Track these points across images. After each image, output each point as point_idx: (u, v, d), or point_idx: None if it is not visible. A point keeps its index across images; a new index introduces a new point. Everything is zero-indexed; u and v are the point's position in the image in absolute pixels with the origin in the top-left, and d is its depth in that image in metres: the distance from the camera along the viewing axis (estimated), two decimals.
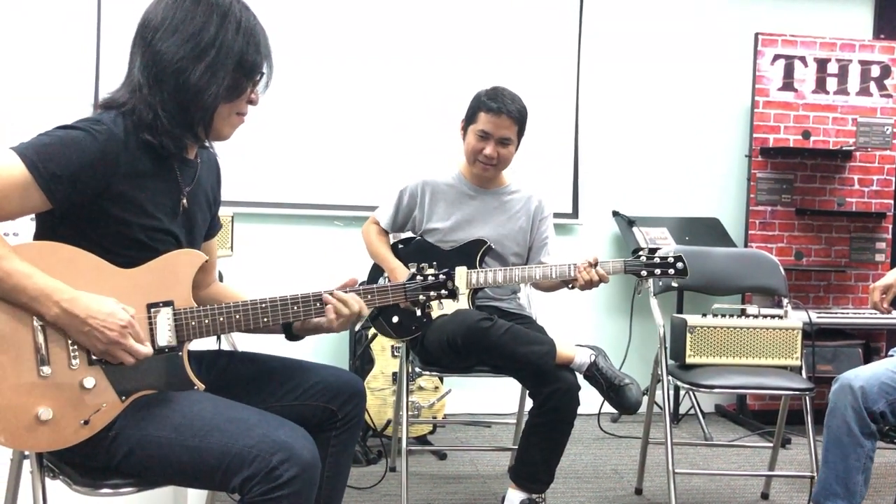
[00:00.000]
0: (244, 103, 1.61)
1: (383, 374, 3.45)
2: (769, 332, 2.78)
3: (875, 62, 4.14)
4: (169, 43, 1.49)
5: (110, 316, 1.41)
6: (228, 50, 1.52)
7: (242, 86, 1.57)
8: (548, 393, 2.41)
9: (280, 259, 3.92)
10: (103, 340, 1.41)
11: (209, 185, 1.74)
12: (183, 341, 1.54)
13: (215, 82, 1.51)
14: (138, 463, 1.47)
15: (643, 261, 2.50)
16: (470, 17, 4.05)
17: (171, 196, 1.58)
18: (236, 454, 1.40)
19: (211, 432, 1.43)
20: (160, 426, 1.45)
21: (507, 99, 2.59)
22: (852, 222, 4.19)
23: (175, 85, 1.49)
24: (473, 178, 2.74)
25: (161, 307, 1.52)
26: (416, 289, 1.75)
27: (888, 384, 2.27)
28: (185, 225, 1.62)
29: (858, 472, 2.29)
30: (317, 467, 1.44)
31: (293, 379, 1.73)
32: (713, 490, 3.12)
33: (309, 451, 1.43)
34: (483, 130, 2.59)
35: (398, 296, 1.74)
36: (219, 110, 1.55)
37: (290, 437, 1.42)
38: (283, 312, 1.64)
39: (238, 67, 1.54)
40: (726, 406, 4.28)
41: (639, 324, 4.03)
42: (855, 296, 4.20)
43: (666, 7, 4.27)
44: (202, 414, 1.46)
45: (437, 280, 1.77)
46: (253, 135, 3.84)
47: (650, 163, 4.29)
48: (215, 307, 1.58)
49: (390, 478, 3.07)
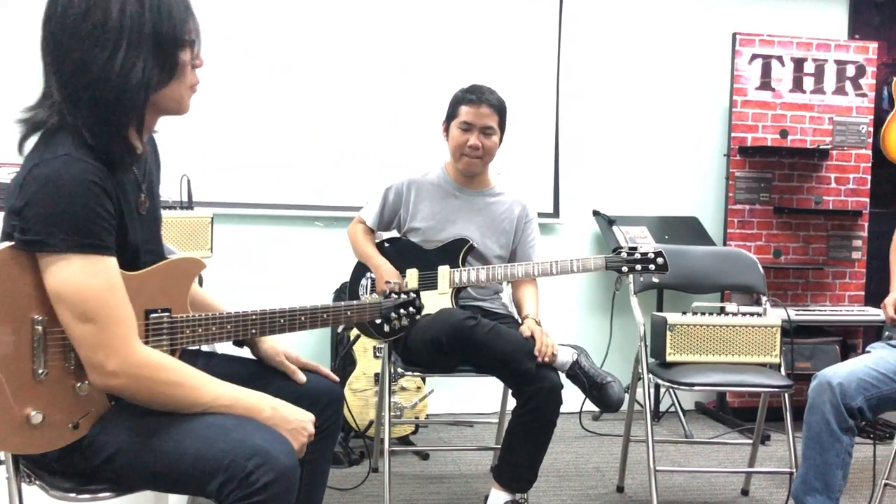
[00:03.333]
0: (192, 73, 1.48)
1: (365, 374, 3.44)
2: (748, 329, 2.81)
3: (850, 62, 4.19)
4: (77, 52, 1.35)
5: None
6: (139, 34, 1.37)
7: (175, 61, 1.43)
8: (531, 392, 2.41)
9: (260, 260, 3.90)
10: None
11: (155, 169, 1.66)
12: (175, 349, 1.54)
13: (135, 75, 1.37)
14: (115, 469, 1.45)
15: (624, 257, 2.52)
16: (451, 17, 4.05)
17: (134, 198, 1.51)
18: (211, 459, 1.37)
19: (186, 437, 1.41)
20: (135, 432, 1.43)
21: (485, 90, 2.67)
22: (829, 220, 4.23)
23: (92, 98, 1.36)
24: (459, 177, 2.74)
25: (159, 313, 1.51)
26: (390, 307, 1.90)
27: (866, 381, 2.30)
28: (148, 225, 1.57)
29: (837, 468, 2.32)
30: (295, 472, 1.41)
31: (272, 384, 1.72)
32: (694, 487, 3.14)
33: (287, 455, 1.40)
34: (465, 122, 2.63)
35: (375, 314, 1.88)
36: (169, 93, 1.45)
37: (266, 441, 1.39)
38: (270, 324, 1.66)
39: (158, 45, 1.39)
40: (706, 403, 4.31)
41: (619, 322, 4.05)
42: (832, 293, 4.25)
43: (645, 7, 4.30)
44: (177, 419, 1.43)
45: (408, 298, 1.93)
46: (232, 135, 3.83)
47: (630, 162, 4.31)
48: (208, 317, 1.58)
49: (373, 478, 3.06)
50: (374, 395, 3.42)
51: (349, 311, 1.79)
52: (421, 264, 2.68)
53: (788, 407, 2.71)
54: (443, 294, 2.62)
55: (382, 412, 2.80)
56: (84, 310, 1.35)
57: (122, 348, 1.37)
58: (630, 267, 2.52)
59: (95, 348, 1.36)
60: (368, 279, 2.77)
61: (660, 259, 2.51)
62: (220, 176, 3.82)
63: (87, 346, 1.36)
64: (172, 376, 1.43)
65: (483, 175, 2.78)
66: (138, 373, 1.39)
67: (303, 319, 1.70)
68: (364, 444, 3.31)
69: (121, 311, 1.39)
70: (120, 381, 1.38)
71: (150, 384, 1.40)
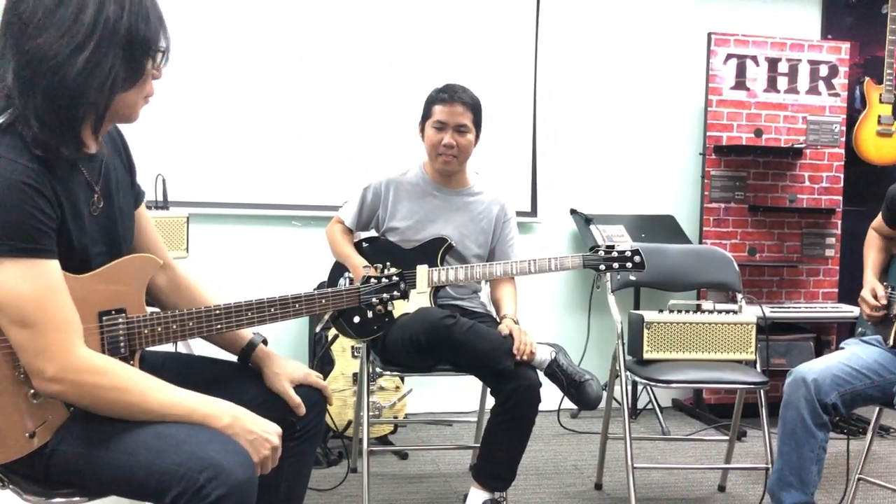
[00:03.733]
0: (150, 85, 1.45)
1: (343, 375, 3.42)
2: (724, 327, 2.83)
3: (823, 62, 4.24)
4: (42, 39, 1.31)
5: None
6: (112, 35, 1.34)
7: (141, 66, 1.40)
8: (509, 391, 2.41)
9: (237, 260, 3.87)
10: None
11: (120, 168, 1.59)
12: (135, 350, 1.50)
13: (100, 74, 1.34)
14: (75, 480, 1.43)
15: (601, 255, 2.54)
16: (427, 16, 4.04)
17: (84, 200, 1.45)
18: (165, 472, 1.33)
19: (139, 449, 1.37)
20: (91, 443, 1.40)
21: (458, 89, 2.68)
22: (803, 218, 4.28)
23: (50, 86, 1.31)
24: (437, 177, 2.74)
25: (113, 315, 1.48)
26: (369, 292, 1.76)
27: (840, 376, 2.33)
28: (104, 226, 1.51)
29: (812, 463, 2.35)
30: (250, 485, 1.35)
31: (252, 387, 1.69)
32: (671, 483, 3.16)
33: (241, 467, 1.34)
34: (439, 121, 2.64)
35: (352, 299, 1.74)
36: (123, 99, 1.40)
37: (219, 453, 1.34)
38: (237, 319, 1.60)
39: (130, 49, 1.36)
40: (683, 400, 4.34)
41: (597, 320, 4.06)
42: (807, 290, 4.29)
43: (621, 8, 4.32)
44: (133, 430, 1.39)
45: (390, 282, 1.78)
46: (208, 134, 3.80)
47: (607, 161, 4.33)
48: (168, 314, 1.55)
49: (351, 479, 3.05)
50: (352, 395, 3.41)
51: (323, 298, 1.69)
52: (399, 264, 2.66)
53: (764, 403, 2.74)
54: (421, 293, 2.61)
55: (361, 412, 2.79)
56: (21, 315, 1.31)
57: (62, 353, 1.34)
58: (607, 265, 2.53)
59: (34, 354, 1.33)
60: (346, 279, 2.76)
61: (637, 257, 2.53)
62: (195, 175, 3.78)
63: (27, 352, 1.33)
64: (116, 381, 1.38)
65: (461, 174, 2.78)
66: (79, 378, 1.35)
67: (273, 311, 1.62)
68: (342, 445, 3.30)
69: (60, 316, 1.34)
70: (60, 387, 1.35)
71: (92, 390, 1.36)
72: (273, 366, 1.71)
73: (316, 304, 1.69)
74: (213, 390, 1.56)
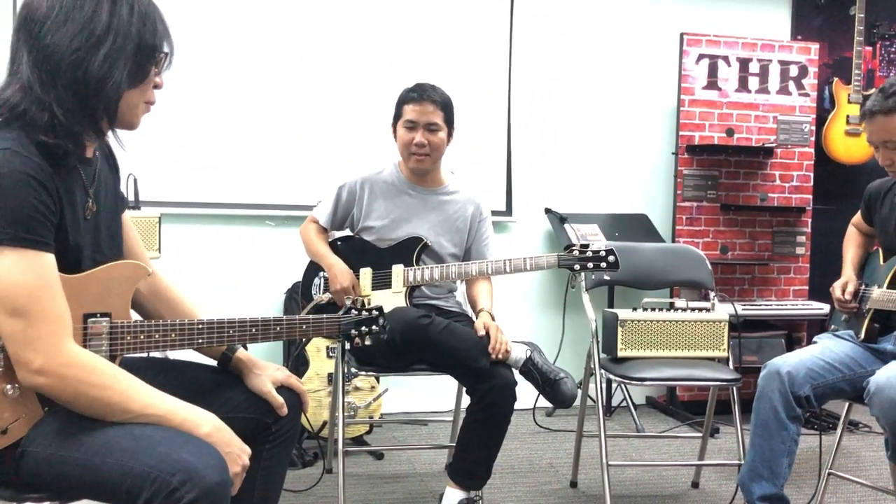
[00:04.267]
0: (151, 90, 1.52)
1: (318, 375, 3.41)
2: (697, 324, 2.85)
3: (793, 62, 4.29)
4: (60, 34, 1.38)
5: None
6: (126, 35, 1.42)
7: (145, 70, 1.48)
8: (485, 389, 2.42)
9: (211, 261, 3.84)
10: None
11: (109, 176, 1.64)
12: (115, 356, 1.50)
13: (116, 70, 1.41)
14: (46, 482, 1.41)
15: (576, 255, 2.54)
16: (402, 15, 4.04)
17: (80, 201, 1.49)
18: (137, 474, 1.32)
19: (112, 450, 1.36)
20: (64, 444, 1.38)
21: (428, 88, 2.67)
22: (774, 217, 4.33)
23: (73, 78, 1.39)
24: (412, 176, 2.74)
25: (98, 318, 1.47)
26: (349, 323, 1.82)
27: (813, 370, 2.36)
28: (93, 231, 1.53)
29: (783, 455, 2.37)
30: (224, 488, 1.35)
31: (229, 390, 1.69)
32: (646, 480, 3.18)
33: (215, 470, 1.33)
34: (409, 120, 2.64)
35: (332, 328, 1.80)
36: (126, 99, 1.46)
37: (193, 455, 1.33)
38: (218, 335, 1.61)
39: (138, 52, 1.44)
40: (657, 398, 4.38)
41: (572, 319, 4.08)
42: (777, 288, 4.34)
43: (595, 8, 4.34)
44: (106, 431, 1.38)
45: (370, 316, 1.85)
46: (181, 132, 3.77)
47: (581, 161, 4.35)
48: (152, 323, 1.55)
49: (327, 480, 3.04)
50: (327, 395, 3.39)
51: (304, 324, 1.73)
52: (375, 263, 2.67)
53: (737, 400, 2.76)
54: (397, 293, 2.61)
55: (336, 412, 2.78)
56: (14, 304, 1.32)
57: (51, 346, 1.34)
58: (582, 265, 2.54)
59: (23, 344, 1.33)
60: (321, 279, 2.75)
61: (611, 257, 2.54)
62: (167, 175, 3.75)
63: (15, 342, 1.33)
64: (101, 379, 1.38)
65: (436, 173, 2.77)
66: (65, 372, 1.35)
67: (254, 331, 1.65)
68: (318, 445, 3.29)
69: (53, 309, 1.35)
70: (45, 380, 1.34)
71: (76, 385, 1.36)
72: (254, 367, 1.73)
73: (297, 329, 1.73)
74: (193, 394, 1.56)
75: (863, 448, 3.62)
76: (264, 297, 3.86)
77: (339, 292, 2.61)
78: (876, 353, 2.42)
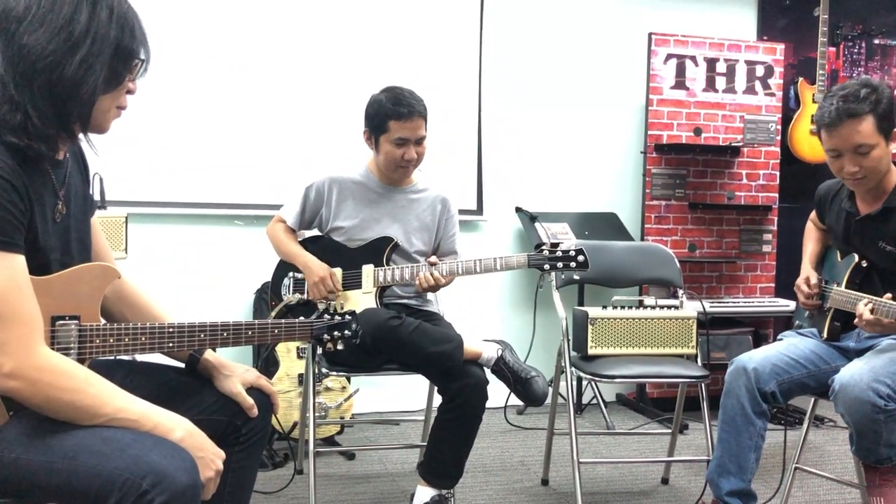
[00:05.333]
0: (124, 95, 1.51)
1: (288, 376, 3.39)
2: (666, 322, 2.87)
3: (759, 62, 4.34)
4: (37, 35, 1.36)
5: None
6: (103, 39, 1.41)
7: (121, 75, 1.47)
8: (457, 389, 2.42)
9: (178, 261, 3.80)
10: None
11: (79, 178, 1.62)
12: (84, 359, 1.48)
13: (92, 74, 1.40)
14: (11, 487, 1.38)
15: (546, 255, 2.55)
16: (372, 14, 4.02)
17: (49, 203, 1.47)
18: (106, 478, 1.30)
19: (80, 454, 1.33)
20: (30, 448, 1.36)
21: (412, 100, 2.59)
22: (741, 215, 4.38)
23: (48, 80, 1.37)
24: (382, 176, 2.72)
25: (67, 321, 1.45)
26: (321, 328, 1.79)
27: (779, 366, 2.39)
28: (62, 233, 1.51)
29: (751, 451, 2.41)
30: (194, 491, 1.33)
31: (198, 392, 1.67)
32: (616, 477, 3.21)
33: (186, 473, 1.32)
34: (400, 138, 2.58)
35: (304, 333, 1.77)
36: (99, 103, 1.45)
37: (164, 458, 1.31)
38: (189, 339, 1.60)
39: (114, 57, 1.43)
40: (627, 395, 4.41)
41: (542, 317, 4.10)
42: (745, 285, 4.40)
43: (565, 8, 4.36)
44: (74, 434, 1.36)
45: (343, 320, 1.82)
46: (148, 131, 3.72)
47: (551, 160, 4.37)
48: (122, 327, 1.53)
49: (298, 481, 3.02)
50: (297, 396, 3.37)
51: (276, 328, 1.71)
52: (345, 263, 2.66)
53: (705, 396, 2.79)
54: (367, 293, 2.60)
55: (307, 413, 2.76)
56: None
57: (23, 349, 1.32)
58: (552, 265, 2.55)
59: None
60: (291, 278, 2.73)
61: (580, 257, 2.55)
62: (134, 174, 3.70)
63: None
64: (73, 383, 1.36)
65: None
66: (37, 376, 1.32)
67: (225, 335, 1.63)
68: (288, 447, 3.26)
69: (23, 311, 1.33)
70: (16, 384, 1.32)
71: (47, 389, 1.34)
72: (223, 369, 1.71)
73: (269, 333, 1.71)
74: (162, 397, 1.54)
75: (828, 442, 3.68)
76: (233, 298, 3.82)
77: (318, 283, 2.58)
78: (840, 350, 2.46)
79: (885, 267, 2.38)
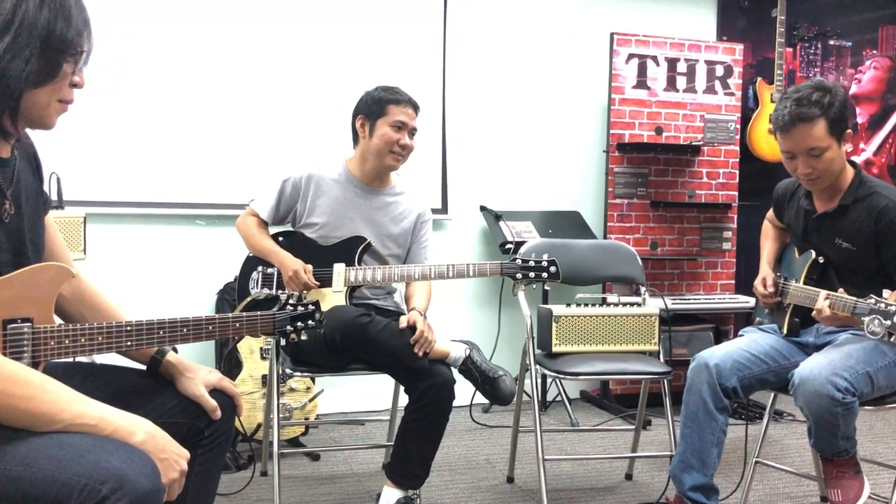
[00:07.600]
0: (67, 88, 1.42)
1: (252, 377, 3.35)
2: (629, 319, 2.90)
3: (719, 62, 4.41)
4: None
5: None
6: (31, 26, 1.32)
7: (56, 67, 1.37)
8: (424, 388, 2.42)
9: (138, 261, 3.74)
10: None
11: (30, 177, 1.56)
12: (38, 362, 1.44)
13: (18, 65, 1.32)
14: None
15: (519, 264, 2.57)
16: (336, 13, 4.00)
17: None
18: (64, 483, 1.26)
19: (38, 460, 1.29)
20: None
21: (403, 91, 2.69)
22: (702, 213, 4.44)
23: None
24: (362, 175, 2.71)
25: (19, 324, 1.41)
26: (284, 319, 1.76)
27: (740, 362, 2.43)
28: (13, 233, 1.46)
29: (713, 446, 2.44)
30: (157, 496, 1.30)
31: (159, 395, 1.64)
32: (581, 474, 3.23)
33: (147, 478, 1.29)
34: (399, 121, 2.63)
35: (267, 326, 1.73)
36: (34, 97, 1.37)
37: (124, 462, 1.27)
38: (147, 337, 1.56)
39: (46, 47, 1.34)
40: (591, 392, 4.45)
41: (507, 315, 4.11)
42: (705, 282, 4.46)
43: (527, 7, 4.38)
44: (31, 440, 1.32)
45: (305, 311, 1.79)
46: (106, 129, 3.65)
47: (515, 159, 4.39)
48: (77, 327, 1.49)
49: (262, 482, 2.99)
50: (261, 397, 3.34)
51: (238, 322, 1.67)
52: (316, 260, 2.63)
53: (668, 392, 2.83)
54: (337, 292, 2.58)
55: (271, 414, 2.73)
56: None
57: None
58: (524, 274, 2.58)
59: None
60: (260, 273, 2.69)
61: (552, 268, 2.59)
62: (92, 173, 3.63)
63: None
64: (27, 390, 1.31)
65: (387, 174, 2.76)
66: None
67: (185, 331, 1.59)
68: (251, 448, 3.23)
69: None
70: None
71: (1, 398, 1.29)
72: (186, 371, 1.68)
73: (230, 327, 1.68)
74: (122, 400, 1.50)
75: (787, 436, 3.74)
76: (195, 299, 3.77)
77: (294, 276, 2.56)
78: (799, 345, 2.51)
79: (840, 263, 2.43)
